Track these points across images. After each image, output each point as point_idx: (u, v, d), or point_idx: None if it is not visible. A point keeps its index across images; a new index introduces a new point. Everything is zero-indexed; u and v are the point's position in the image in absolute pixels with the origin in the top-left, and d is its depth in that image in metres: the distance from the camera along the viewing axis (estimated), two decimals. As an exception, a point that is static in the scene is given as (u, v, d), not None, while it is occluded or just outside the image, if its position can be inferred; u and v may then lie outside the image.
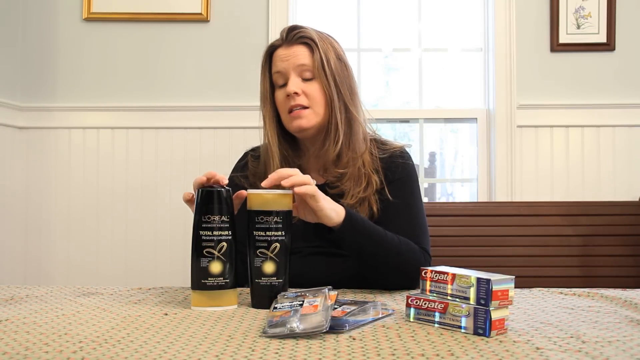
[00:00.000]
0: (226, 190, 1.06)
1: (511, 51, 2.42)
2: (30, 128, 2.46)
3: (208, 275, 1.02)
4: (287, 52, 1.32)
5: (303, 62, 1.30)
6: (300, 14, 2.55)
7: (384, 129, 2.72)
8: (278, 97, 1.34)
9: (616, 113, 2.40)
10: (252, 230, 1.04)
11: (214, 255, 1.02)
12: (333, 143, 1.30)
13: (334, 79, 1.30)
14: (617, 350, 0.75)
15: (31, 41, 2.48)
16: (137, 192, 2.46)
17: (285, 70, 1.31)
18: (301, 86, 1.30)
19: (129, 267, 2.45)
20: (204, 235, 1.03)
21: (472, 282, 0.84)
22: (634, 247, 2.20)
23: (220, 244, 1.03)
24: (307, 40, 1.31)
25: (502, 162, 2.41)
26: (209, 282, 1.02)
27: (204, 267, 1.02)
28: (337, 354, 0.73)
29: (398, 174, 1.34)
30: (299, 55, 1.31)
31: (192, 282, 1.04)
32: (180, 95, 2.46)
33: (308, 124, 1.30)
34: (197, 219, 1.04)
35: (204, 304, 1.02)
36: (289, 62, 1.30)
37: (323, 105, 1.31)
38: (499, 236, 2.21)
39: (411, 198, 1.34)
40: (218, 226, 1.03)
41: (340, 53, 1.35)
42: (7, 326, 0.88)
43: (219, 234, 1.03)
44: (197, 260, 1.03)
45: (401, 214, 1.31)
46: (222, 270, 1.03)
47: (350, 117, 1.32)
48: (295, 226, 1.32)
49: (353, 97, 1.34)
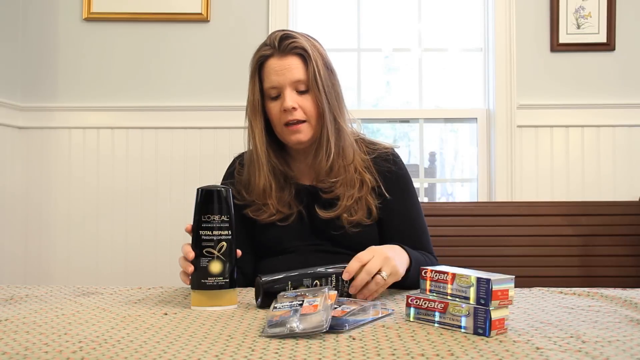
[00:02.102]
0: (226, 190, 1.06)
1: (511, 51, 2.42)
2: (30, 128, 2.46)
3: (208, 275, 1.02)
4: (281, 65, 1.29)
5: (298, 77, 1.29)
6: (300, 14, 2.55)
7: (384, 129, 2.72)
8: (272, 109, 1.32)
9: (616, 113, 2.40)
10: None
11: (214, 255, 1.03)
12: (325, 155, 1.31)
13: (325, 91, 1.29)
14: (617, 350, 0.75)
15: (31, 41, 2.48)
16: (137, 192, 2.46)
17: (280, 84, 1.29)
18: (297, 100, 1.29)
19: (129, 267, 2.45)
20: (203, 235, 1.03)
21: (472, 281, 0.84)
22: (634, 247, 2.20)
23: (220, 243, 1.03)
24: (300, 51, 1.29)
25: (502, 162, 2.41)
26: (208, 282, 1.02)
27: (203, 266, 1.02)
28: (337, 353, 0.73)
29: (395, 183, 1.36)
30: (293, 69, 1.29)
31: (192, 282, 1.04)
32: (180, 95, 2.46)
33: (306, 138, 1.31)
34: (196, 218, 1.04)
35: (203, 304, 1.02)
36: (285, 77, 1.28)
37: (316, 117, 1.31)
38: (499, 236, 2.21)
39: (412, 206, 1.38)
40: (218, 226, 1.03)
41: (327, 59, 1.34)
42: (7, 326, 0.88)
43: (218, 234, 1.03)
44: (197, 260, 1.03)
45: (406, 224, 1.35)
46: (222, 270, 1.03)
47: (338, 127, 1.32)
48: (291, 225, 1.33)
49: (340, 104, 1.34)
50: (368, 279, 1.05)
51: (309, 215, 1.34)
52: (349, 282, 1.06)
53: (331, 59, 1.37)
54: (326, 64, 1.33)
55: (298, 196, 1.35)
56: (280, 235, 1.33)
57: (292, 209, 1.33)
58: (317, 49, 1.32)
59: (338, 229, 1.30)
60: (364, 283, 1.05)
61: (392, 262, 1.09)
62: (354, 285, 1.05)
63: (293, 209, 1.33)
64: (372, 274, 1.05)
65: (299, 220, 1.34)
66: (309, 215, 1.34)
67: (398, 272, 1.10)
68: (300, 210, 1.34)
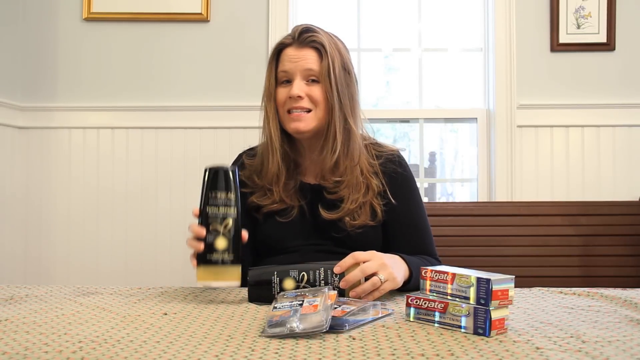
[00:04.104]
0: (232, 170, 1.08)
1: (511, 51, 2.42)
2: (30, 128, 2.46)
3: (213, 250, 1.05)
4: (296, 54, 1.32)
5: (310, 67, 1.31)
6: (301, 14, 2.55)
7: (384, 129, 2.72)
8: (279, 93, 1.34)
9: (616, 113, 2.40)
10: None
11: (219, 231, 1.05)
12: (331, 151, 1.31)
13: (337, 88, 1.31)
14: (617, 350, 0.75)
15: (31, 41, 2.48)
16: (137, 191, 2.46)
17: (291, 71, 1.32)
18: (305, 90, 1.31)
19: (129, 267, 2.45)
20: (210, 211, 1.05)
21: (472, 281, 0.84)
22: (634, 247, 2.20)
23: (225, 220, 1.05)
24: (318, 45, 1.32)
25: (502, 162, 2.41)
26: (214, 258, 1.05)
27: (209, 242, 1.05)
28: (337, 353, 0.73)
29: (400, 186, 1.37)
30: (308, 59, 1.32)
31: (197, 257, 1.07)
32: (180, 95, 2.46)
33: (306, 127, 1.31)
34: (203, 195, 1.07)
35: (208, 279, 1.05)
36: (297, 65, 1.31)
37: (324, 109, 1.32)
38: (499, 236, 2.21)
39: (416, 208, 1.38)
40: (224, 203, 1.06)
41: (347, 62, 1.37)
42: (7, 326, 0.88)
43: (224, 211, 1.05)
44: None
45: (410, 227, 1.36)
46: (227, 246, 1.05)
47: (349, 128, 1.33)
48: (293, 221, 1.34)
49: (354, 108, 1.35)
50: (361, 276, 1.04)
51: (311, 214, 1.34)
52: (340, 277, 1.05)
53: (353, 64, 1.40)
54: (344, 64, 1.35)
55: (302, 191, 1.36)
56: (282, 233, 1.34)
57: (294, 202, 1.34)
58: (337, 48, 1.35)
59: (340, 232, 1.30)
60: (356, 280, 1.04)
61: (389, 269, 1.08)
62: (346, 280, 1.04)
63: (295, 202, 1.34)
64: (366, 273, 1.05)
65: (300, 217, 1.34)
66: (312, 214, 1.34)
67: (395, 279, 1.09)
68: (302, 206, 1.34)
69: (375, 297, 1.06)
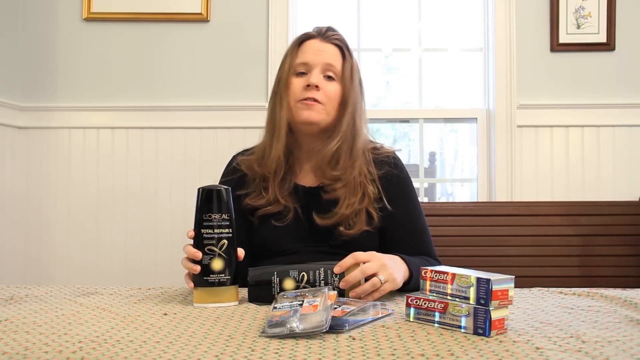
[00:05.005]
0: (226, 190, 1.07)
1: (511, 51, 2.42)
2: (30, 128, 2.46)
3: (210, 272, 1.05)
4: (320, 47, 1.35)
5: (332, 62, 1.34)
6: (301, 14, 2.55)
7: (384, 129, 2.72)
8: (294, 83, 1.34)
9: (616, 113, 2.40)
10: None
11: (215, 253, 1.05)
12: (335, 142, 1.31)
13: (354, 90, 1.34)
14: (617, 350, 0.75)
15: (31, 41, 2.48)
16: (137, 191, 2.46)
17: (312, 62, 1.33)
18: (322, 83, 1.32)
19: (129, 267, 2.45)
20: (205, 233, 1.05)
21: (472, 282, 0.84)
22: (634, 247, 2.20)
23: (221, 241, 1.05)
24: (342, 44, 1.37)
25: (502, 162, 2.40)
26: (210, 279, 1.04)
27: (205, 264, 1.05)
28: (337, 354, 0.73)
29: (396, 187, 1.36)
30: (330, 54, 1.34)
31: (193, 280, 1.06)
32: (180, 95, 2.46)
33: (317, 118, 1.31)
34: (198, 217, 1.06)
35: (206, 301, 1.04)
36: (320, 57, 1.33)
37: (336, 107, 1.33)
38: (499, 236, 2.21)
39: (413, 209, 1.38)
40: (218, 224, 1.05)
41: (360, 73, 1.41)
42: (7, 326, 0.88)
43: (219, 232, 1.05)
44: None
45: (408, 229, 1.35)
46: (223, 267, 1.05)
47: (355, 132, 1.34)
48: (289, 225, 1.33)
49: (363, 113, 1.39)
50: (361, 277, 1.04)
51: (306, 218, 1.33)
52: (340, 277, 1.05)
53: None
54: (359, 75, 1.40)
55: (296, 194, 1.35)
56: (279, 236, 1.33)
57: (288, 204, 1.33)
58: (355, 59, 1.41)
59: (336, 240, 1.30)
60: (356, 280, 1.04)
61: (389, 270, 1.08)
62: (346, 280, 1.04)
63: (289, 205, 1.33)
64: (367, 274, 1.05)
65: (295, 221, 1.33)
66: (307, 218, 1.33)
67: (395, 280, 1.09)
68: (297, 210, 1.33)
69: (375, 298, 1.05)
